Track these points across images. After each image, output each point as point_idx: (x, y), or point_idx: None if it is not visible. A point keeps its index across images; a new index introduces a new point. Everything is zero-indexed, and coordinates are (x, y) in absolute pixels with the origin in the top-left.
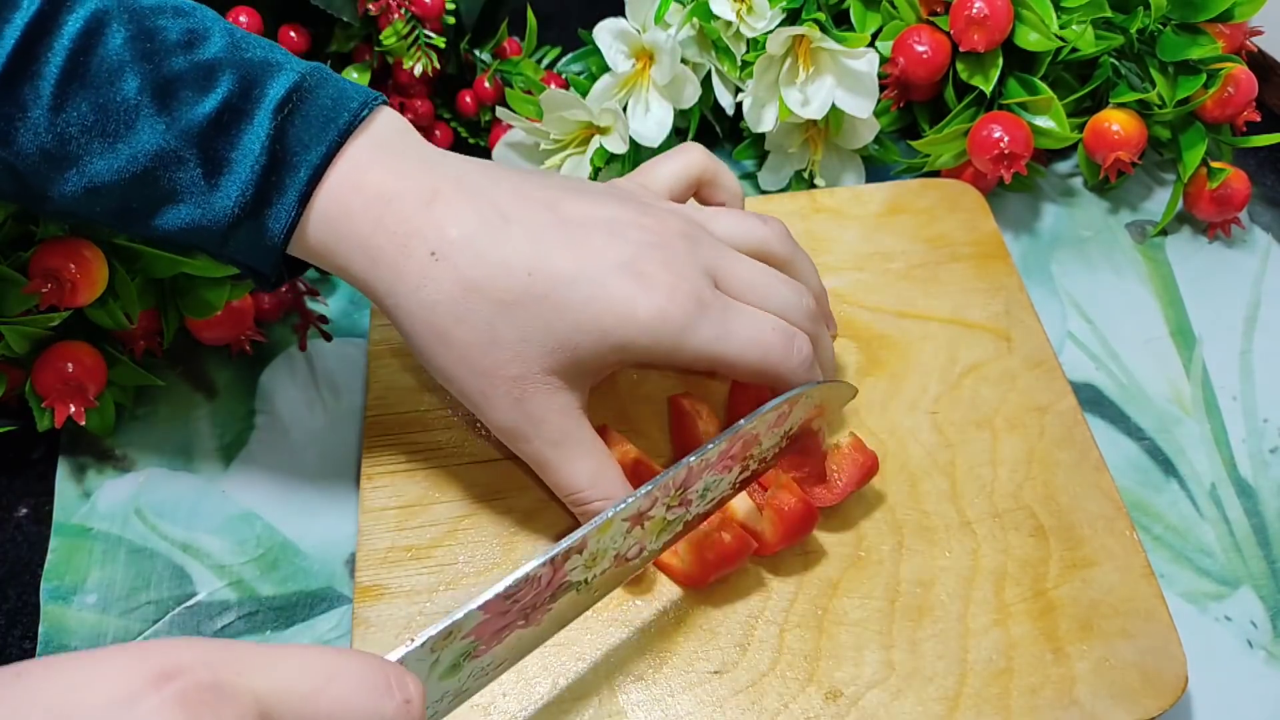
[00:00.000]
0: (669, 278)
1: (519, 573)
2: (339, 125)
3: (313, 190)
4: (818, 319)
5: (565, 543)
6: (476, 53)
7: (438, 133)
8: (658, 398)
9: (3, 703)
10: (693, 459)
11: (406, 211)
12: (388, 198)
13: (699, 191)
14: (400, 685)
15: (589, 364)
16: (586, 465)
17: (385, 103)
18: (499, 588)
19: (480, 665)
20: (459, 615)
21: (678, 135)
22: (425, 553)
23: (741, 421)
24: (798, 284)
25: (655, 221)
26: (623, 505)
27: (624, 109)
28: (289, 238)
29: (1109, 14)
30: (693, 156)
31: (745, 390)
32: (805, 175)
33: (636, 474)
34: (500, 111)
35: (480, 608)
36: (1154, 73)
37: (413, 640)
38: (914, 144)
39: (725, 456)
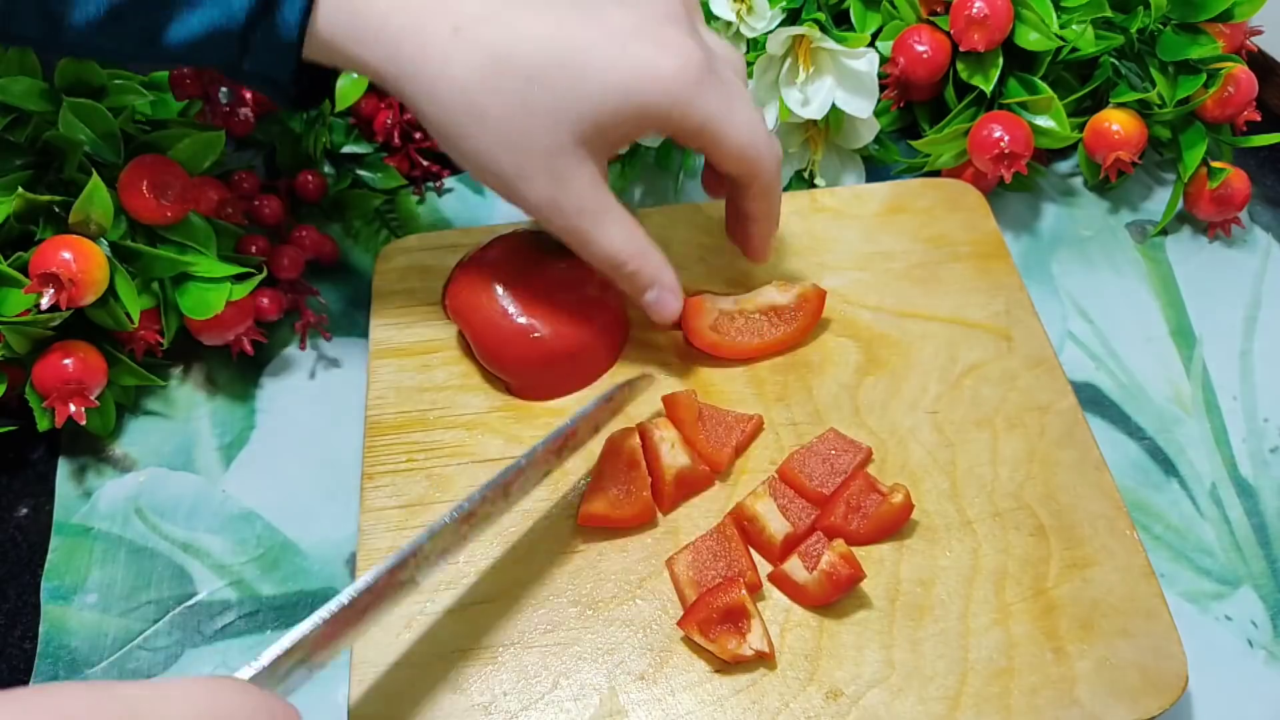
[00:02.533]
0: (684, 42)
1: (360, 584)
2: None
3: None
4: None
5: (406, 550)
6: None
7: None
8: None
9: None
10: (522, 461)
11: None
12: None
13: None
14: (285, 714)
15: (613, 130)
16: (618, 230)
17: None
18: (343, 599)
19: (307, 668)
20: (305, 631)
21: None
22: None
23: (568, 422)
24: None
25: (665, 1)
26: (458, 511)
27: None
28: (305, 27)
29: (1109, 14)
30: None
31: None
32: (805, 175)
33: (684, 482)
34: None
35: (325, 621)
36: (1154, 72)
37: (254, 662)
38: (914, 144)
39: (548, 452)
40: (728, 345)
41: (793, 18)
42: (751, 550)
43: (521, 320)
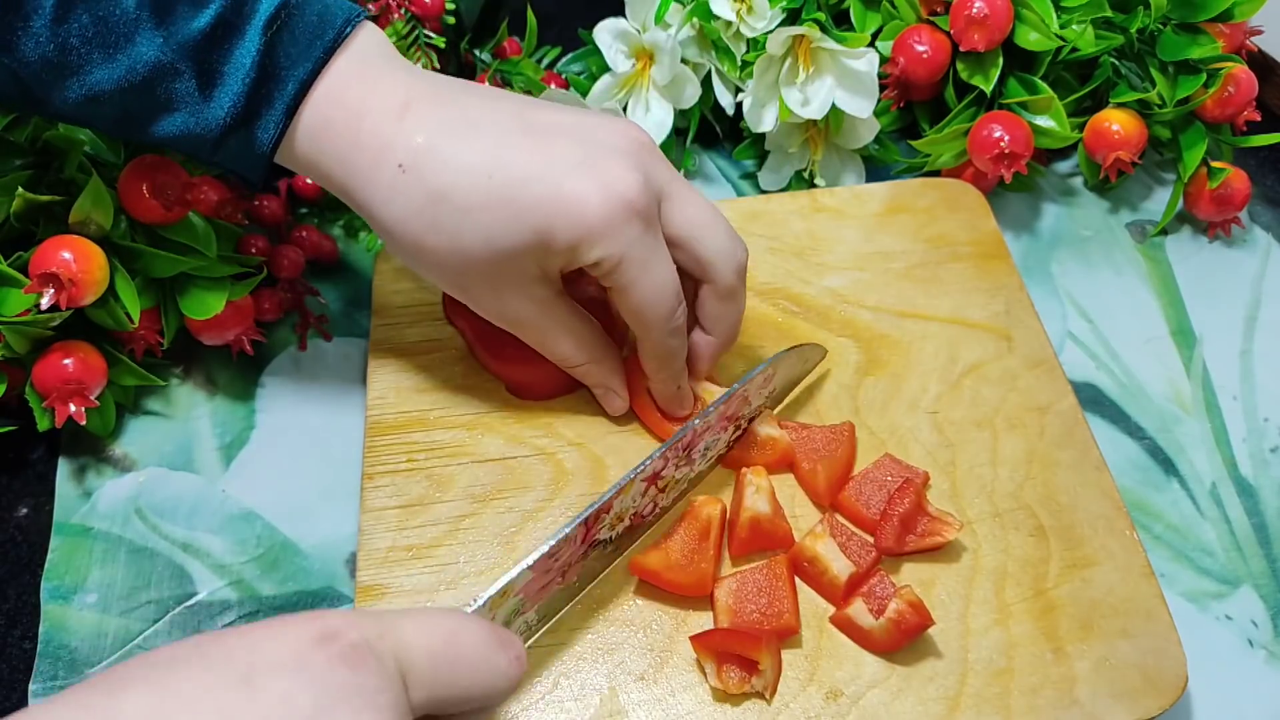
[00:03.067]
0: (623, 178)
1: (560, 533)
2: (324, 42)
3: (299, 104)
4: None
5: (596, 505)
6: (476, 53)
7: None
8: None
9: (196, 664)
10: (696, 422)
11: (380, 126)
12: (363, 113)
13: (701, 290)
14: (510, 643)
15: (548, 262)
16: (569, 339)
17: (367, 18)
18: (544, 548)
19: (525, 620)
20: (513, 574)
21: (678, 135)
22: (426, 552)
23: (736, 385)
24: (738, 239)
25: (624, 131)
26: (641, 468)
27: (624, 109)
28: (276, 148)
29: (1109, 14)
30: (738, 254)
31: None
32: (805, 175)
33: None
34: None
35: (530, 567)
36: (1154, 72)
37: (475, 600)
38: (914, 144)
39: (723, 418)
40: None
41: (793, 18)
42: (804, 586)
43: None
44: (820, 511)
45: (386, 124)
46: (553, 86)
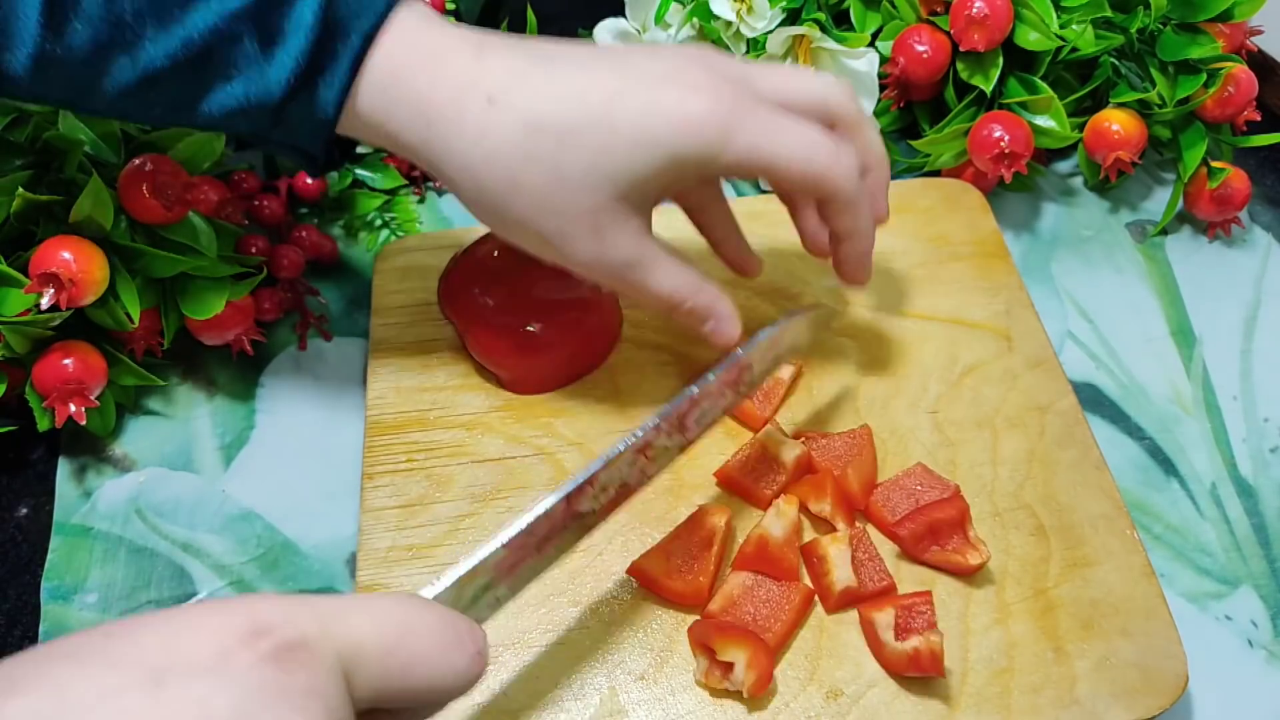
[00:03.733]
0: (713, 81)
1: (538, 510)
2: None
3: (365, 55)
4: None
5: (581, 478)
6: None
7: None
8: (659, 396)
9: (98, 661)
10: (694, 389)
11: (460, 64)
12: (440, 53)
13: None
14: (472, 638)
15: (652, 181)
16: (667, 278)
17: None
18: (521, 524)
19: (495, 596)
20: (485, 554)
21: None
22: (426, 552)
23: (739, 350)
24: (829, 77)
25: (690, 47)
26: (632, 439)
27: None
28: (341, 107)
29: (1109, 13)
30: (838, 85)
31: None
32: None
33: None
34: None
35: (504, 545)
36: (1154, 72)
37: (436, 581)
38: (914, 144)
39: (722, 384)
40: None
41: (793, 18)
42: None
43: (513, 314)
44: (849, 528)
45: (467, 63)
46: None
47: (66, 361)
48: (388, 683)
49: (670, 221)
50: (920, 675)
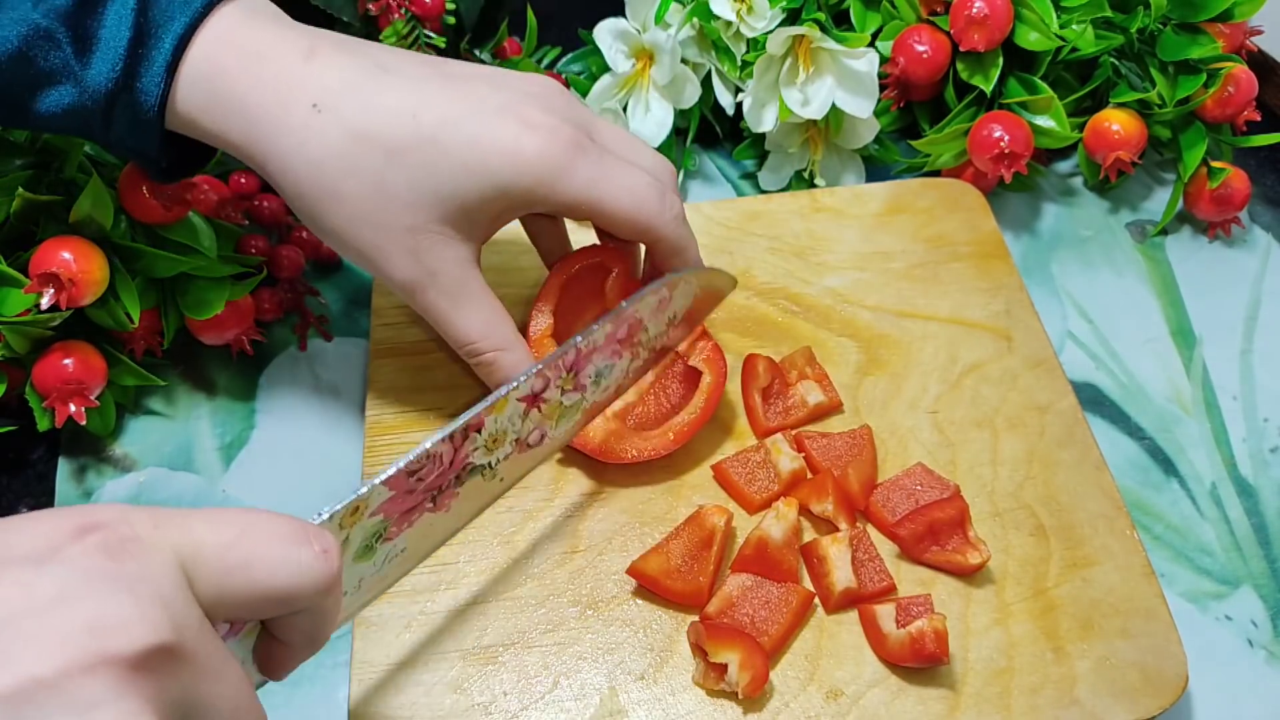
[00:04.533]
0: (550, 120)
1: (419, 448)
2: None
3: (180, 55)
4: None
5: (462, 419)
6: (476, 52)
7: None
8: None
9: None
10: (579, 340)
11: (284, 65)
12: (263, 54)
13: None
14: (317, 536)
15: (478, 210)
16: (479, 316)
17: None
18: (400, 463)
19: (394, 549)
20: (364, 490)
21: (678, 135)
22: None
23: (623, 304)
24: (659, 158)
25: (537, 79)
26: (515, 384)
27: (624, 109)
28: (164, 106)
29: (1109, 14)
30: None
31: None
32: (805, 175)
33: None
34: None
35: (384, 483)
36: (1154, 72)
37: (319, 515)
38: (914, 144)
39: (613, 340)
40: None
41: (793, 18)
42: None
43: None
44: (850, 528)
45: (292, 65)
46: None
47: (66, 361)
48: (229, 579)
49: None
50: (923, 664)
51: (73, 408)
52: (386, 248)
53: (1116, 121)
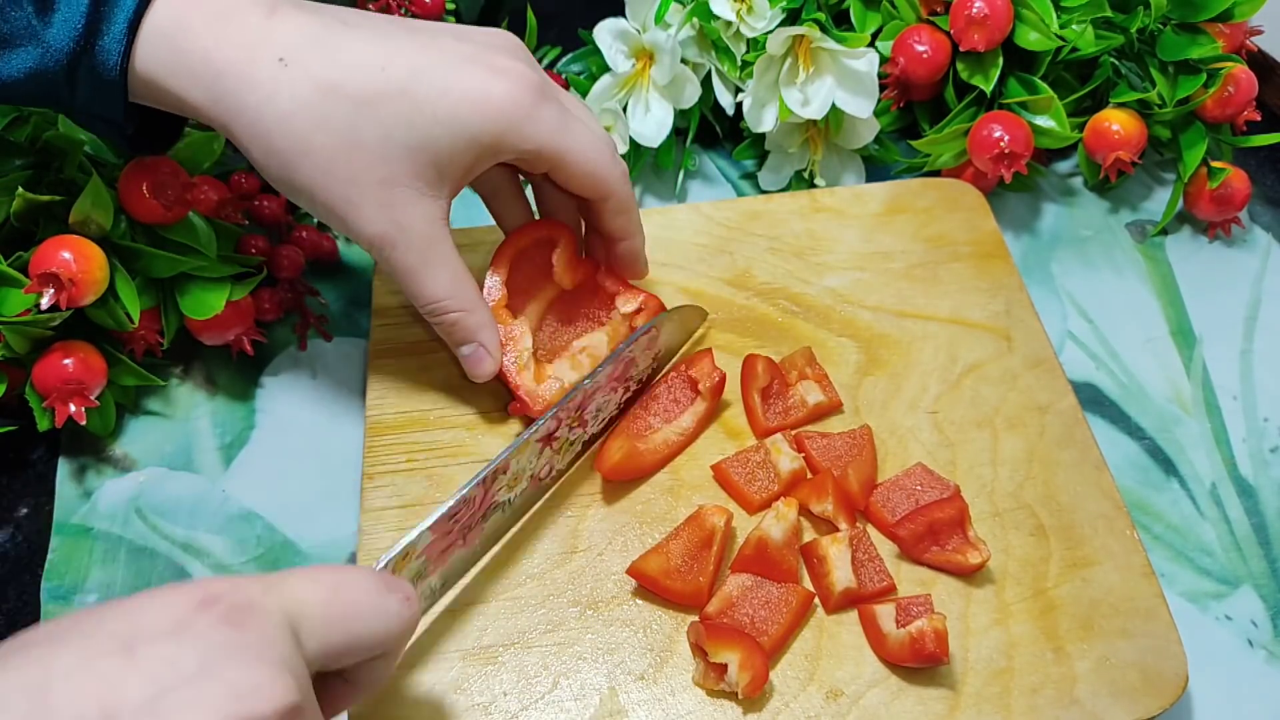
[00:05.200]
0: (516, 66)
1: (457, 495)
2: None
3: (142, 13)
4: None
5: (492, 465)
6: None
7: None
8: None
9: (73, 637)
10: (586, 383)
11: (249, 22)
12: (227, 11)
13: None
14: (397, 585)
15: (449, 161)
16: (446, 275)
17: None
18: (443, 509)
19: (429, 586)
20: (413, 536)
21: (678, 135)
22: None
23: (622, 346)
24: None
25: (500, 33)
26: (535, 429)
27: (624, 109)
28: (126, 66)
29: (1109, 14)
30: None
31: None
32: (805, 175)
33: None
34: None
35: (430, 528)
36: (1154, 72)
37: (380, 563)
38: (914, 144)
39: (611, 379)
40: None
41: (793, 18)
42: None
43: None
44: (850, 528)
45: (255, 20)
46: None
47: (66, 361)
48: (331, 632)
49: None
50: (923, 663)
51: (73, 408)
52: (358, 200)
53: (1116, 121)
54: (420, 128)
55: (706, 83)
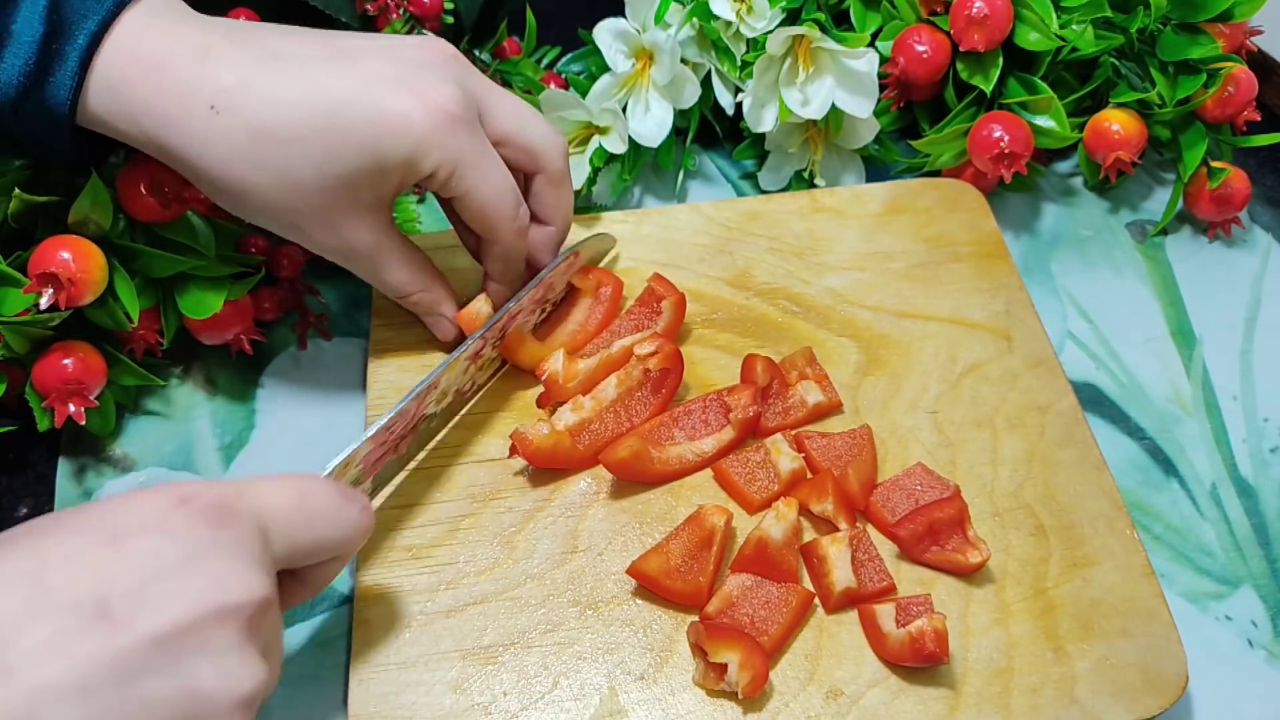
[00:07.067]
0: (442, 90)
1: (396, 408)
2: None
3: (91, 57)
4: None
5: (425, 381)
6: (476, 52)
7: None
8: None
9: (61, 531)
10: (511, 304)
11: (181, 72)
12: (162, 63)
13: (533, 181)
14: (355, 496)
15: (380, 184)
16: (402, 270)
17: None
18: (382, 421)
19: (363, 490)
20: (355, 446)
21: (678, 135)
22: (426, 552)
23: (543, 272)
24: (552, 130)
25: (431, 46)
26: (464, 348)
27: (624, 109)
28: (75, 107)
29: (1109, 14)
30: (560, 141)
31: None
32: (805, 175)
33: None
34: None
35: (370, 439)
36: (1154, 72)
37: (325, 469)
38: (914, 144)
39: (533, 301)
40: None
41: (793, 18)
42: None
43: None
44: (850, 528)
45: (188, 69)
46: (552, 86)
47: (66, 361)
48: (296, 536)
49: None
50: (923, 663)
51: (73, 408)
52: (304, 226)
53: (1116, 121)
54: (348, 159)
55: (706, 83)
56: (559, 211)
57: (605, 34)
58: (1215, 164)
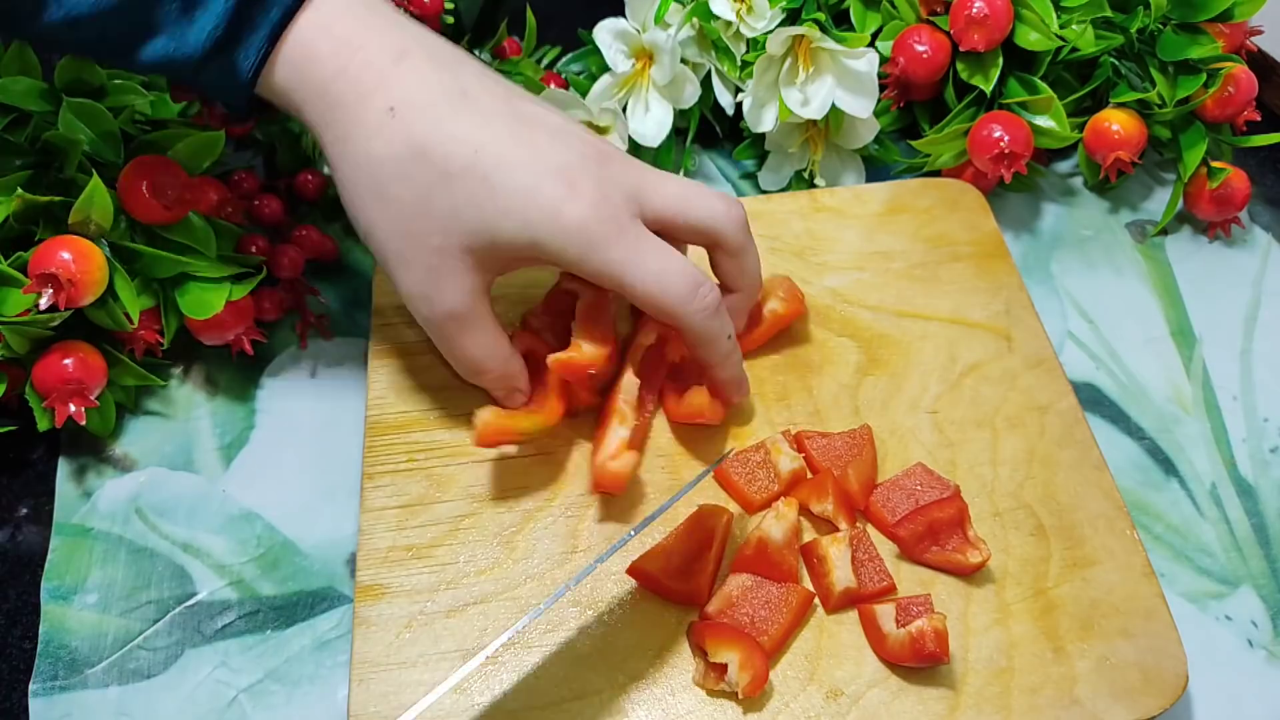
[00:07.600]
0: (597, 192)
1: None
2: None
3: (284, 29)
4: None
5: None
6: (476, 52)
7: None
8: None
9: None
10: (632, 534)
11: (373, 63)
12: (356, 46)
13: (712, 254)
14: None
15: (504, 251)
16: (482, 344)
17: None
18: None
19: None
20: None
21: (678, 135)
22: (426, 552)
23: (678, 494)
24: (728, 198)
25: (597, 140)
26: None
27: (624, 109)
28: (258, 75)
29: (1109, 14)
30: (732, 211)
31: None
32: (805, 175)
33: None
34: None
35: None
36: (1154, 72)
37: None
38: (914, 144)
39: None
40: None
41: (793, 18)
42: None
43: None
44: (850, 528)
45: (381, 65)
46: (552, 86)
47: (66, 361)
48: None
49: None
50: (923, 663)
51: (73, 408)
52: (409, 257)
53: (1116, 121)
54: (488, 213)
55: (706, 83)
56: (743, 278)
57: (605, 34)
58: (1215, 164)
